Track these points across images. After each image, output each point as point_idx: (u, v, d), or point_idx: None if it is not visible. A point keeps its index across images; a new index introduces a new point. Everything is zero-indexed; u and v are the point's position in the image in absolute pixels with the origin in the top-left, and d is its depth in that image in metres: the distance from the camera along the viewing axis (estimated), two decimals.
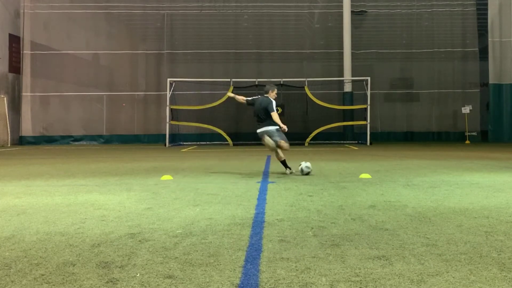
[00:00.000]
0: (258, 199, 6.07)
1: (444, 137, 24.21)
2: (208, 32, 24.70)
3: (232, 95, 9.81)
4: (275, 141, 8.76)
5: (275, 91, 9.21)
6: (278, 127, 8.92)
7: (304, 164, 8.90)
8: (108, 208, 5.48)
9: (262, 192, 6.64)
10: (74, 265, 3.32)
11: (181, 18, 24.53)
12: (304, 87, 21.36)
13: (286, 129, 8.89)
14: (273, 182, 7.83)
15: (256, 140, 21.36)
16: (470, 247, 3.72)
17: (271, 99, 9.06)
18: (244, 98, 9.47)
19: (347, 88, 22.99)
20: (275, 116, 8.89)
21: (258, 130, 9.02)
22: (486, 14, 23.61)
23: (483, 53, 24.15)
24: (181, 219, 4.83)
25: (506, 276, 3.03)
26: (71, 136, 23.65)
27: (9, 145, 21.61)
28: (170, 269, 3.21)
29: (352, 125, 22.51)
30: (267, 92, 9.20)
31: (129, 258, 3.46)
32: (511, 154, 14.36)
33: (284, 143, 8.82)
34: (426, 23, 24.66)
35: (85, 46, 24.11)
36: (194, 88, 23.28)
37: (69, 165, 11.41)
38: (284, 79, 21.72)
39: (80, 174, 9.29)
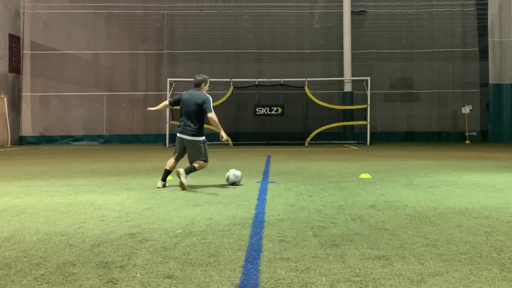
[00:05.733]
0: (258, 199, 6.07)
1: (444, 137, 24.20)
2: (208, 32, 24.68)
3: (152, 109, 7.67)
4: (193, 161, 6.98)
5: (208, 84, 7.31)
6: (204, 138, 7.13)
7: (232, 172, 7.33)
8: (108, 208, 5.48)
9: (262, 192, 6.64)
10: (74, 265, 3.32)
11: (181, 18, 24.52)
12: (304, 87, 21.33)
13: (225, 138, 7.25)
14: (273, 182, 7.83)
15: (256, 140, 21.66)
16: (470, 247, 3.72)
17: (207, 95, 7.11)
18: (166, 102, 7.67)
19: (347, 88, 22.99)
20: (214, 118, 7.02)
21: (185, 136, 6.96)
22: (486, 14, 23.60)
23: (483, 53, 24.15)
24: (181, 219, 4.83)
25: (506, 276, 3.03)
26: (71, 136, 23.63)
27: (9, 145, 21.59)
28: (170, 269, 3.21)
29: (352, 125, 22.51)
30: (198, 85, 7.17)
31: (129, 258, 3.47)
32: (511, 154, 14.36)
33: (203, 163, 7.07)
34: (426, 23, 24.64)
35: (85, 46, 24.10)
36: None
37: (69, 165, 11.41)
38: (284, 79, 21.71)
39: (80, 174, 9.29)
